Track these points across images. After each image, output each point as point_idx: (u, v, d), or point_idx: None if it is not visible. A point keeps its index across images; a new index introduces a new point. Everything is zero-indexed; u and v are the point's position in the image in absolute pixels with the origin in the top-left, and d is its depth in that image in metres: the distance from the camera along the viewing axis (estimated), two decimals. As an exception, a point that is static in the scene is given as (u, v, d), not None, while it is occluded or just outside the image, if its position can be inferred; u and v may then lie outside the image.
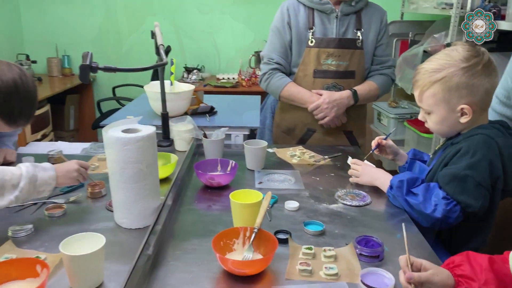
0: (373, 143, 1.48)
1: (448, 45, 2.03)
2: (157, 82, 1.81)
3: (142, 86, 3.91)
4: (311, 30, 1.79)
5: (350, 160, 1.50)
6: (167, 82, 1.93)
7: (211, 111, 2.05)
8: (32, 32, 4.14)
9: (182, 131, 1.69)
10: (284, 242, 1.08)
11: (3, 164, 1.49)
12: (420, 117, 1.28)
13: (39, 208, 1.22)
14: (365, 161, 1.47)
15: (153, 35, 1.62)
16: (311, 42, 1.79)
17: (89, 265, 0.87)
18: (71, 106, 4.10)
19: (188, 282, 0.94)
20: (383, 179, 1.35)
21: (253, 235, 1.02)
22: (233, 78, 3.90)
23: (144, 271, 0.94)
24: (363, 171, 1.43)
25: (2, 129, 1.25)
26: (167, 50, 1.63)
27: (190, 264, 1.00)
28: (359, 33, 1.80)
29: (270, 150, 1.76)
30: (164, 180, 1.41)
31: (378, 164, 1.50)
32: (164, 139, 1.75)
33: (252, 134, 1.97)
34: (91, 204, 1.26)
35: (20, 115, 1.21)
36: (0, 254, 0.99)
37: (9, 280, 0.88)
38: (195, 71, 3.95)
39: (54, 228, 1.13)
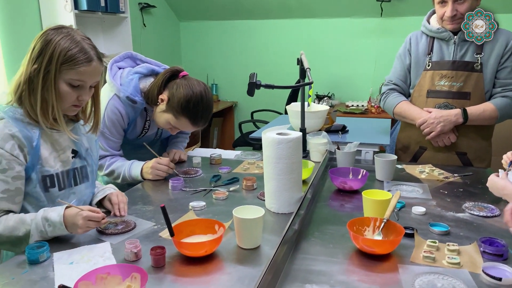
0: (508, 158, 1.51)
1: None
2: (296, 103, 2.11)
3: (276, 111, 4.36)
4: (429, 56, 1.95)
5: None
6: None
7: (343, 129, 2.26)
8: (189, 64, 4.94)
9: (318, 144, 1.93)
10: (410, 236, 1.22)
11: (178, 162, 1.92)
12: None
13: (208, 193, 1.57)
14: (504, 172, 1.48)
15: (298, 61, 1.92)
16: (428, 65, 1.94)
17: (252, 227, 1.14)
18: (216, 127, 4.72)
19: (325, 254, 1.15)
20: (509, 193, 1.38)
21: (383, 224, 1.19)
22: (362, 106, 4.05)
23: (291, 241, 1.19)
24: (491, 186, 1.47)
25: (186, 128, 1.65)
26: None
27: (327, 241, 1.22)
28: (478, 57, 1.86)
29: (399, 166, 1.89)
30: (303, 182, 1.65)
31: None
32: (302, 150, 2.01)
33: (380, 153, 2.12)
34: (245, 194, 1.57)
35: (201, 119, 1.59)
36: (186, 218, 1.34)
37: (194, 234, 1.21)
38: (325, 98, 4.21)
39: (220, 207, 1.45)
